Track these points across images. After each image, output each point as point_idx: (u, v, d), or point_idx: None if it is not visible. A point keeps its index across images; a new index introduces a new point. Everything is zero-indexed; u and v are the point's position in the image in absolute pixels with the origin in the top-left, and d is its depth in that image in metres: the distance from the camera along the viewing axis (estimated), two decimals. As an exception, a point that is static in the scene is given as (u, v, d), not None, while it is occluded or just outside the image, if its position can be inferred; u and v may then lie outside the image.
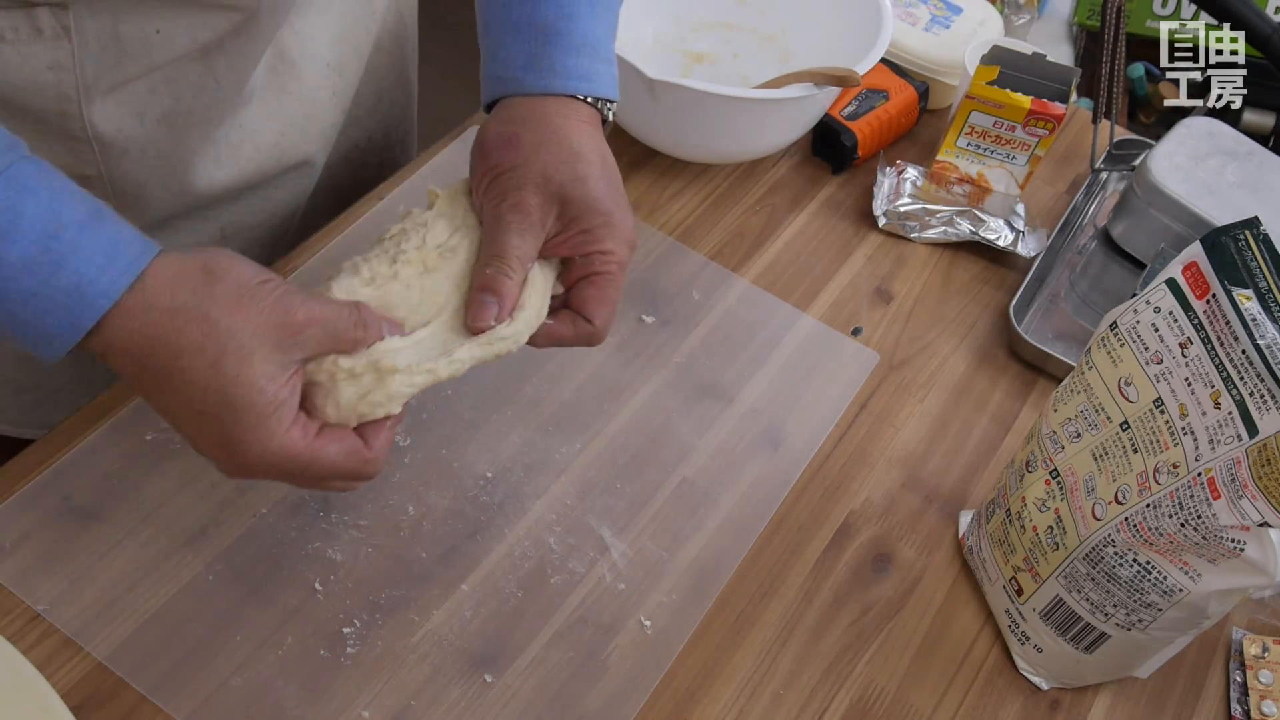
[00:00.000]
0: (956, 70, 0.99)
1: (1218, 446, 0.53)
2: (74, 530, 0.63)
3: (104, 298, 0.48)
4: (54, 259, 0.47)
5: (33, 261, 0.47)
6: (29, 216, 0.47)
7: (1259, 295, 0.53)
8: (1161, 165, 0.87)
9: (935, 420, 0.80)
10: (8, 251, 0.46)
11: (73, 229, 0.48)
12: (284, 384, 0.52)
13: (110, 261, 0.48)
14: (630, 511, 0.70)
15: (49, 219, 0.47)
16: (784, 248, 0.89)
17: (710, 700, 0.64)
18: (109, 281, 0.48)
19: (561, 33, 0.61)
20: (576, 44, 0.61)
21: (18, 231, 0.47)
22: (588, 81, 0.61)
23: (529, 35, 0.61)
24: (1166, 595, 0.58)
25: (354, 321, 0.54)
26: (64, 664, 0.59)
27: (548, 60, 0.60)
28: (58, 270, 0.47)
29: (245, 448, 0.51)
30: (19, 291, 0.47)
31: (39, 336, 0.49)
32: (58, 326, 0.48)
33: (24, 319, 0.48)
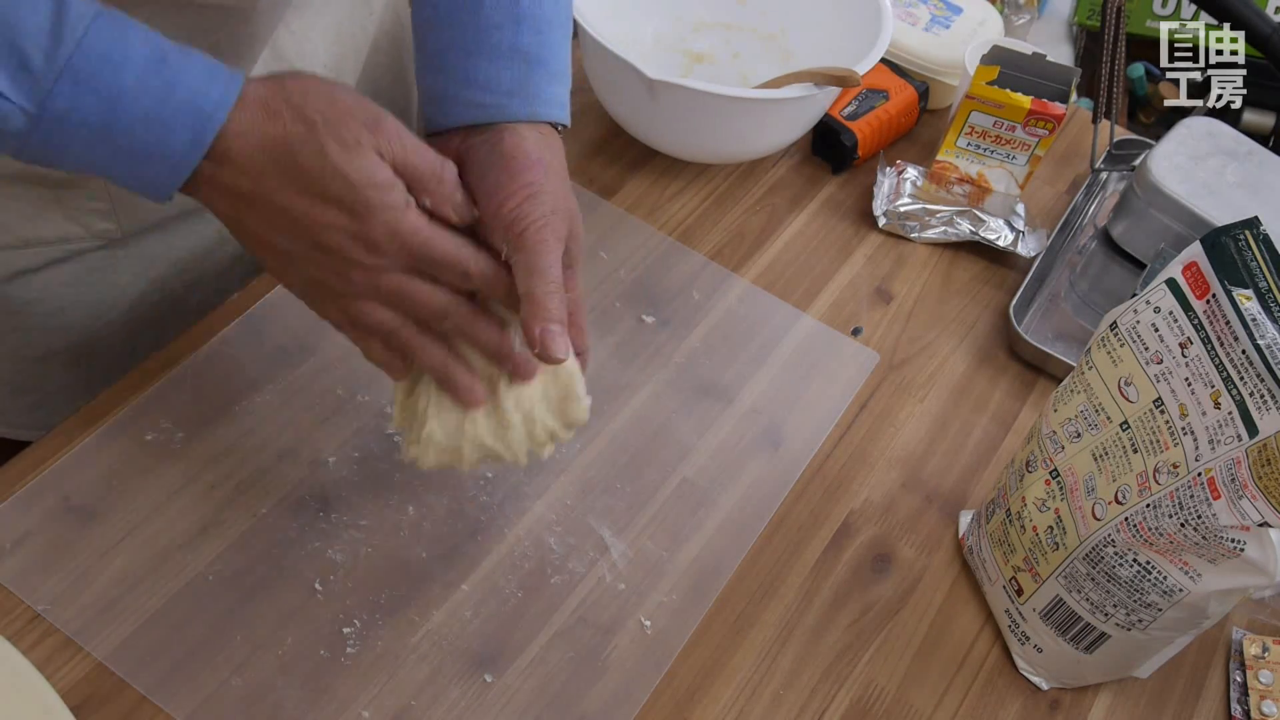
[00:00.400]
0: (956, 70, 0.99)
1: (1218, 446, 0.53)
2: (74, 530, 0.63)
3: (219, 109, 0.51)
4: (166, 81, 0.50)
5: (148, 85, 0.49)
6: (135, 45, 0.49)
7: (1259, 295, 0.53)
8: (1161, 165, 0.87)
9: (935, 420, 0.80)
10: (124, 79, 0.48)
11: (175, 54, 0.50)
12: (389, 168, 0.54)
13: (212, 79, 0.51)
14: (630, 511, 0.70)
15: (154, 46, 0.50)
16: (784, 248, 0.89)
17: (710, 700, 0.64)
18: (220, 94, 0.51)
19: (544, 60, 0.61)
20: (555, 72, 0.62)
21: (129, 60, 0.49)
22: (561, 109, 0.62)
23: (515, 62, 0.61)
24: (1166, 595, 0.58)
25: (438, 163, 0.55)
26: (64, 664, 0.59)
27: (534, 88, 0.61)
28: (172, 89, 0.50)
29: (374, 224, 0.54)
30: (140, 116, 0.49)
31: (163, 160, 0.51)
32: (179, 144, 0.51)
33: (148, 141, 0.50)
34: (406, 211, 0.54)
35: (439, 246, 0.55)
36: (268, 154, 0.52)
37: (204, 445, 0.68)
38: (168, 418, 0.69)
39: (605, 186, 0.90)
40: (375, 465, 0.69)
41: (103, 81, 0.48)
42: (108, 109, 0.49)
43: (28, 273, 0.71)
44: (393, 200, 0.54)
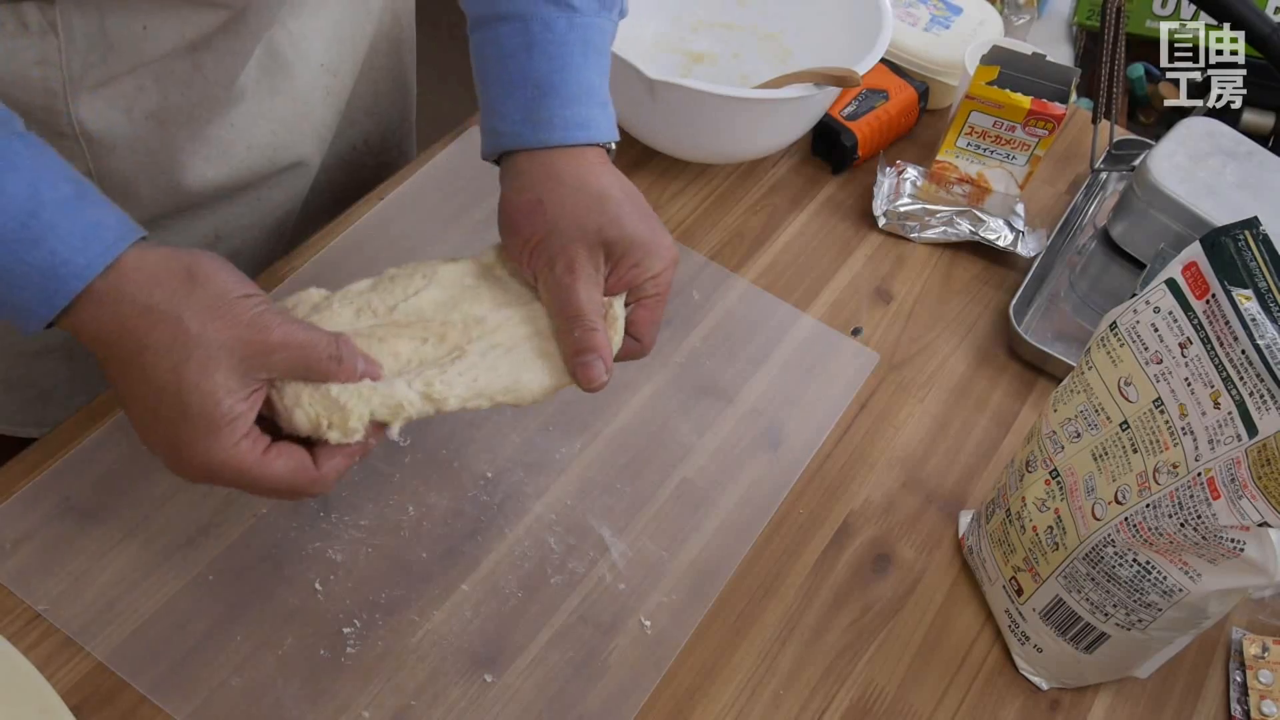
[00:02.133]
0: (956, 70, 0.99)
1: (1217, 446, 0.53)
2: (74, 530, 0.63)
3: (77, 279, 0.49)
4: (31, 236, 0.48)
5: (10, 237, 0.47)
6: (9, 193, 0.47)
7: (1258, 295, 0.53)
8: (1161, 165, 0.87)
9: (935, 420, 0.80)
10: None
11: (51, 208, 0.48)
12: (242, 399, 0.52)
13: (86, 244, 0.49)
14: (630, 511, 0.70)
15: (29, 197, 0.48)
16: (784, 248, 0.89)
17: (710, 700, 0.64)
18: (84, 263, 0.49)
19: (557, 85, 0.61)
20: (572, 95, 0.62)
21: None
22: (585, 130, 0.62)
23: (524, 90, 0.61)
24: (1166, 595, 0.58)
25: (329, 354, 0.54)
26: (64, 664, 0.59)
27: (545, 114, 0.61)
28: (33, 248, 0.48)
29: (192, 453, 0.51)
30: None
31: (15, 310, 0.49)
32: (32, 303, 0.49)
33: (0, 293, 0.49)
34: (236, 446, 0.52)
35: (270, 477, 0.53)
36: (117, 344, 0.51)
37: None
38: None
39: (605, 186, 0.90)
40: (375, 465, 0.69)
41: None
42: None
43: None
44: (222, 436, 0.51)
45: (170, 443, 0.52)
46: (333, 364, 0.54)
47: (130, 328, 0.50)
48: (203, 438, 0.51)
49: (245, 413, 0.52)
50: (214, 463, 0.52)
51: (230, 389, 0.51)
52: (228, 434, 0.51)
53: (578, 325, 0.59)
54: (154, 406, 0.51)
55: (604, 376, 0.60)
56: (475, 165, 0.87)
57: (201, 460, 0.51)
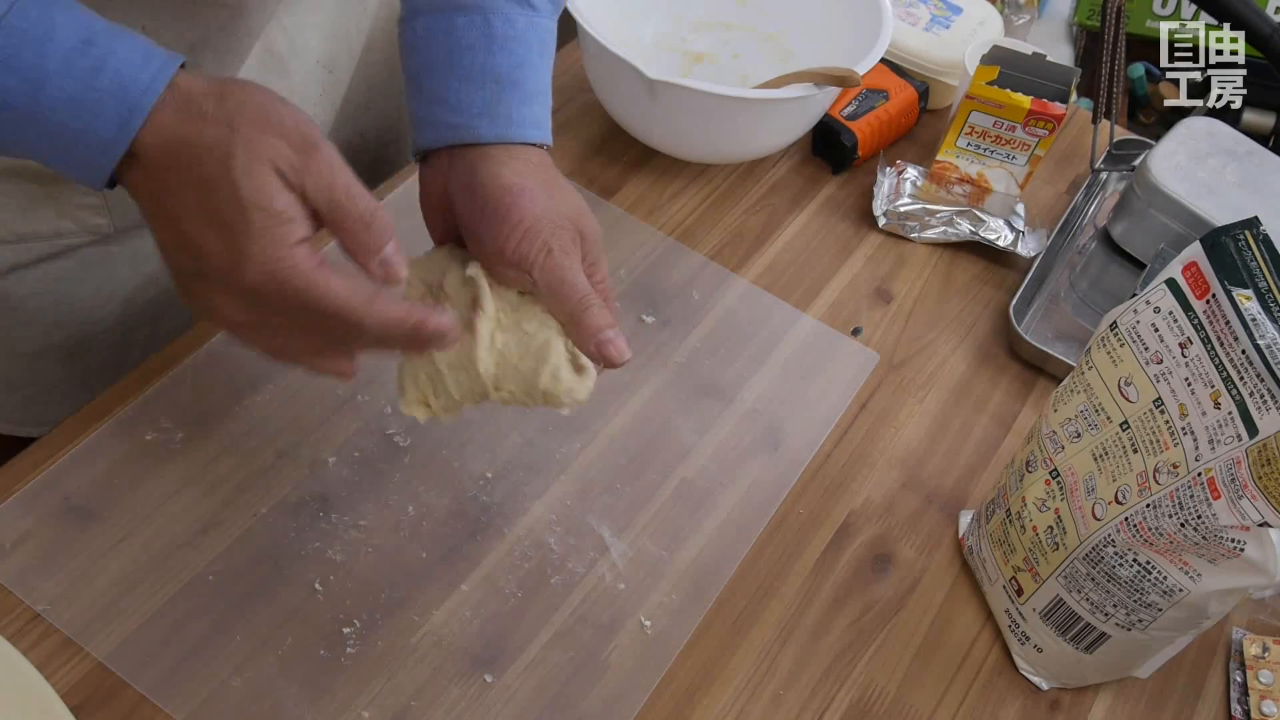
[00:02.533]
0: (956, 70, 0.99)
1: (1217, 446, 0.53)
2: (74, 530, 0.63)
3: (148, 93, 0.48)
4: (93, 63, 0.47)
5: (74, 67, 0.47)
6: (61, 25, 0.47)
7: (1259, 295, 0.53)
8: (1161, 165, 0.87)
9: (935, 420, 0.80)
10: (49, 60, 0.47)
11: (104, 34, 0.48)
12: (296, 201, 0.50)
13: (146, 62, 0.48)
14: (630, 511, 0.70)
15: (81, 26, 0.48)
16: (784, 248, 0.89)
17: (710, 700, 0.64)
18: (149, 78, 0.48)
19: (518, 82, 0.61)
20: (530, 93, 0.61)
21: (54, 40, 0.47)
22: (538, 129, 0.62)
23: (485, 83, 0.60)
24: (1166, 595, 0.58)
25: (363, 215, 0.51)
26: (64, 664, 0.59)
27: (505, 110, 0.60)
28: (98, 73, 0.47)
29: (249, 256, 0.49)
30: (65, 98, 0.47)
31: (91, 145, 0.49)
32: (106, 129, 0.48)
33: (74, 128, 0.48)
34: (293, 249, 0.50)
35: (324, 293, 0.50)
36: (174, 153, 0.49)
37: (204, 445, 0.68)
38: (168, 417, 0.69)
39: (605, 186, 0.90)
40: (375, 465, 0.69)
41: (24, 62, 0.47)
42: (31, 90, 0.47)
43: (21, 268, 0.71)
44: (280, 234, 0.49)
45: (227, 248, 0.49)
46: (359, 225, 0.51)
47: (184, 135, 0.49)
48: (259, 236, 0.49)
49: (300, 217, 0.50)
50: (270, 261, 0.49)
51: (280, 187, 0.49)
52: (286, 231, 0.49)
53: (591, 304, 0.57)
54: (210, 209, 0.49)
55: (628, 351, 0.58)
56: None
57: (258, 264, 0.49)
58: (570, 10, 0.83)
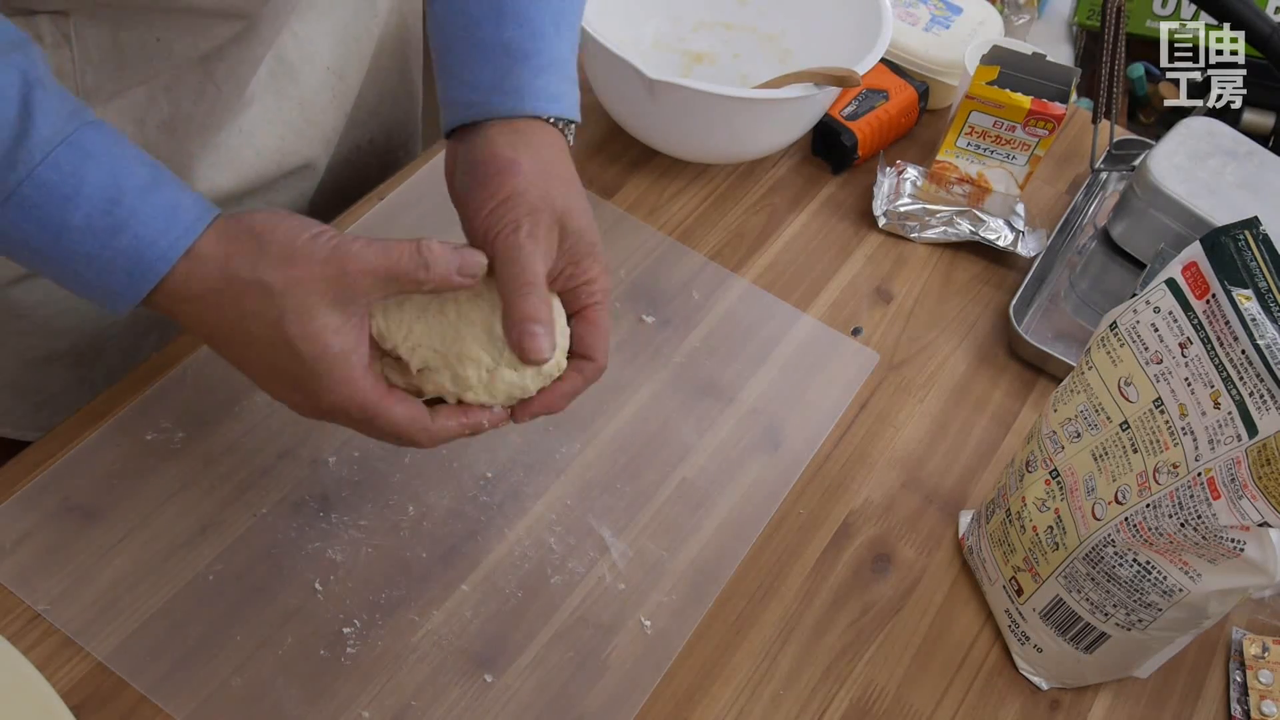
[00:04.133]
0: (956, 70, 0.99)
1: (1217, 446, 0.53)
2: (74, 530, 0.63)
3: (162, 261, 0.50)
4: (114, 223, 0.49)
5: (94, 226, 0.49)
6: (91, 183, 0.49)
7: (1258, 295, 0.53)
8: (1161, 165, 0.87)
9: (935, 420, 0.80)
10: (71, 216, 0.48)
11: (132, 195, 0.49)
12: (349, 333, 0.52)
13: (168, 227, 0.50)
14: (630, 511, 0.70)
15: (110, 185, 0.49)
16: (784, 248, 0.89)
17: (710, 700, 0.64)
18: (167, 245, 0.50)
19: (529, 53, 0.60)
20: (544, 64, 0.60)
21: (80, 196, 0.48)
22: (555, 102, 0.60)
23: (496, 56, 0.59)
24: (1166, 595, 0.58)
25: (415, 263, 0.52)
26: (64, 664, 0.59)
27: (515, 81, 0.59)
28: (117, 234, 0.49)
29: (320, 394, 0.53)
30: (83, 254, 0.49)
31: (105, 294, 0.51)
32: (120, 286, 0.50)
33: (88, 279, 0.50)
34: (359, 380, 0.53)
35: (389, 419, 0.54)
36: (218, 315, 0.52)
37: (204, 445, 0.68)
38: (168, 417, 0.69)
39: (605, 186, 0.90)
40: (375, 465, 0.69)
41: (48, 214, 0.48)
42: (51, 239, 0.49)
43: (30, 276, 0.71)
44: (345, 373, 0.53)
45: (298, 389, 0.53)
46: (420, 270, 0.52)
47: (222, 300, 0.51)
48: (326, 376, 0.52)
49: (355, 345, 0.53)
50: (343, 398, 0.53)
51: (334, 327, 0.52)
52: (348, 368, 0.52)
53: (532, 291, 0.55)
54: (271, 363, 0.52)
55: (548, 352, 0.55)
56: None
57: (330, 400, 0.53)
58: (570, 10, 0.83)
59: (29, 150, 0.47)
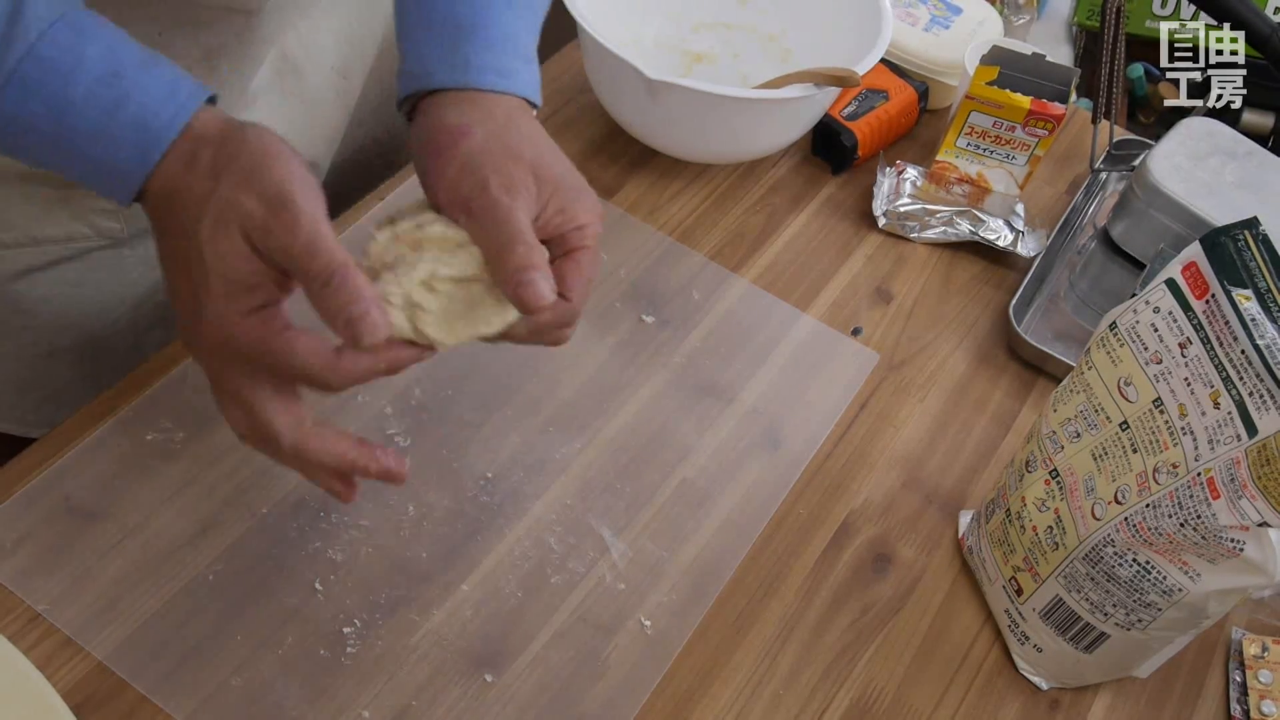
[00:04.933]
0: (956, 70, 0.99)
1: (1217, 446, 0.53)
2: (74, 530, 0.63)
3: (167, 129, 0.49)
4: (117, 95, 0.49)
5: (97, 99, 0.48)
6: (90, 57, 0.48)
7: (1258, 295, 0.53)
8: (1161, 165, 0.87)
9: (935, 420, 0.80)
10: (72, 90, 0.48)
11: (132, 69, 0.49)
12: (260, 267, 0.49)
13: (168, 98, 0.50)
14: (630, 511, 0.70)
15: (109, 59, 0.49)
16: (784, 248, 0.89)
17: (710, 700, 0.64)
18: (170, 115, 0.50)
19: (477, 27, 0.58)
20: (492, 40, 0.58)
21: (81, 70, 0.48)
22: (504, 78, 0.58)
23: (444, 31, 0.58)
24: (1166, 595, 0.58)
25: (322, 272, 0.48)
26: (64, 664, 0.59)
27: (462, 56, 0.58)
28: (121, 106, 0.49)
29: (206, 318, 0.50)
30: (87, 129, 0.49)
31: (111, 174, 0.50)
32: (127, 162, 0.50)
33: (95, 157, 0.49)
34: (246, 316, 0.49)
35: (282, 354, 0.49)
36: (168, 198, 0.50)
37: (204, 445, 0.68)
38: (168, 417, 0.69)
39: (605, 186, 0.90)
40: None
41: (50, 90, 0.48)
42: (55, 117, 0.48)
43: (34, 271, 0.71)
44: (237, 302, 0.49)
45: (191, 307, 0.50)
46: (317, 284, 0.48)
47: (177, 184, 0.50)
48: (217, 299, 0.49)
49: (264, 283, 0.50)
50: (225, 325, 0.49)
51: (245, 253, 0.49)
52: (243, 299, 0.49)
53: (520, 242, 0.52)
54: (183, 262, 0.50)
55: (549, 296, 0.52)
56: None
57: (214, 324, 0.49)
58: (570, 10, 0.83)
59: (25, 28, 0.47)
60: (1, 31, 0.47)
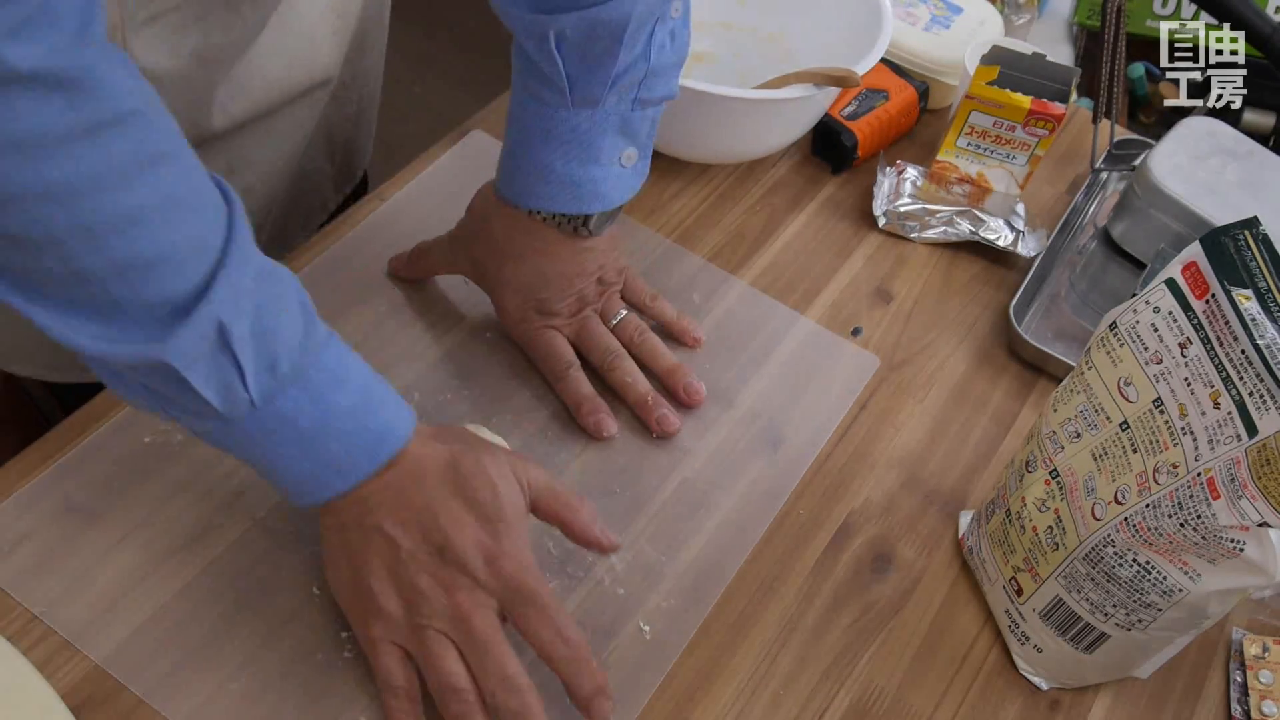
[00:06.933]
0: (956, 70, 0.99)
1: (1217, 446, 0.53)
2: (73, 531, 0.63)
3: (401, 440, 0.57)
4: (371, 406, 0.56)
5: (357, 408, 0.55)
6: (355, 369, 0.56)
7: (1258, 295, 0.52)
8: (1161, 165, 0.87)
9: (935, 420, 0.80)
10: (340, 399, 0.55)
11: (378, 384, 0.57)
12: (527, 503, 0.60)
13: (401, 413, 0.58)
14: (629, 515, 0.70)
15: (367, 374, 0.57)
16: (784, 248, 0.89)
17: (710, 700, 0.64)
18: (404, 425, 0.57)
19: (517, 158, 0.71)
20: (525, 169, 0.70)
21: (349, 383, 0.55)
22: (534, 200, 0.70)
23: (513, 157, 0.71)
24: (1166, 595, 0.58)
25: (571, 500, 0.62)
26: (64, 664, 0.59)
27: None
28: (373, 414, 0.56)
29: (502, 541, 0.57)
30: (341, 431, 0.55)
31: (338, 470, 0.56)
32: (360, 459, 0.56)
33: (338, 453, 0.56)
34: (528, 550, 0.58)
35: (544, 591, 0.58)
36: (433, 462, 0.58)
37: (203, 448, 0.68)
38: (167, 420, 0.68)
39: (605, 187, 0.90)
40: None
41: (324, 395, 0.54)
42: (320, 419, 0.54)
43: None
44: (522, 531, 0.58)
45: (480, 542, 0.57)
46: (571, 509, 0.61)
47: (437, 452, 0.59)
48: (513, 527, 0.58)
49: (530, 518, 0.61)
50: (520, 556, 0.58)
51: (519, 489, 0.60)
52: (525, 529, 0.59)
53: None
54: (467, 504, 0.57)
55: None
56: (479, 164, 0.87)
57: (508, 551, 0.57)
58: (570, 11, 0.83)
59: (316, 340, 0.54)
60: (299, 341, 0.53)
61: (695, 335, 0.79)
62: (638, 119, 0.69)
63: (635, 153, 0.71)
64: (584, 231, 0.72)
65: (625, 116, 0.69)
